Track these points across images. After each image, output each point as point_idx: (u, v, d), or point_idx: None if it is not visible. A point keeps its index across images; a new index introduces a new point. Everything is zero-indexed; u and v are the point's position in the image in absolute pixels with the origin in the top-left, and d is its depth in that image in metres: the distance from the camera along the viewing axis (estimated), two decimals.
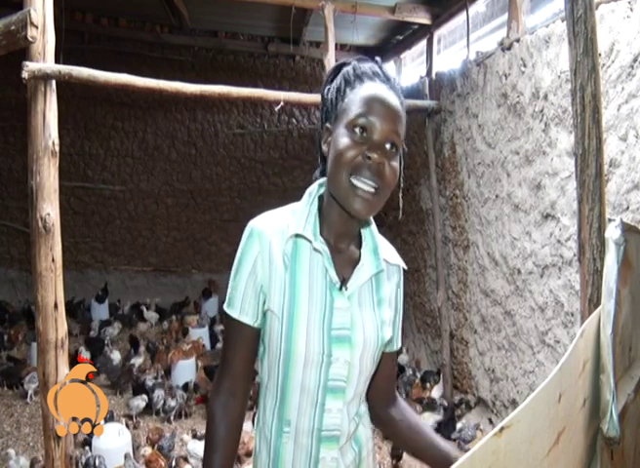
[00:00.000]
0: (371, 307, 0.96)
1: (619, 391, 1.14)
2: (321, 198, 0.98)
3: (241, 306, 0.93)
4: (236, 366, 0.96)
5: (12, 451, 2.88)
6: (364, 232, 0.99)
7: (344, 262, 0.95)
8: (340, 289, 0.92)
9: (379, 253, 0.97)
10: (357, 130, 0.86)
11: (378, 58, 0.97)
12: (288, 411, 0.94)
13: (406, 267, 1.05)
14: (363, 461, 1.02)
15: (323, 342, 0.90)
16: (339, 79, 0.94)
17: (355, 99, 0.88)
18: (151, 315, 5.60)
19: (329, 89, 0.96)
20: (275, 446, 0.95)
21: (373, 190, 0.86)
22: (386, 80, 0.92)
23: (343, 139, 0.86)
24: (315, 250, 0.91)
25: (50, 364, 2.34)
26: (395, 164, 0.89)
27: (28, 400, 3.77)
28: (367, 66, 0.93)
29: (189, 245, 6.40)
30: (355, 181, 0.85)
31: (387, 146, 0.87)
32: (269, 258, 0.91)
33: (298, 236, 0.92)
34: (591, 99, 1.41)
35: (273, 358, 0.93)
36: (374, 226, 1.01)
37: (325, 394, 0.92)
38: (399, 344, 1.07)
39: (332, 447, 0.94)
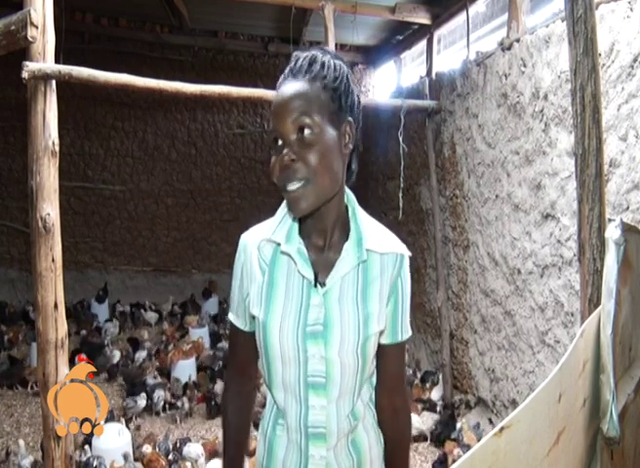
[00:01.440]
0: (353, 301, 0.94)
1: (619, 391, 1.14)
2: None
3: (236, 312, 1.02)
4: (237, 367, 1.07)
5: (22, 442, 2.90)
6: (351, 225, 0.98)
7: (327, 259, 0.96)
8: (315, 285, 0.93)
9: (362, 244, 0.94)
10: (274, 144, 0.89)
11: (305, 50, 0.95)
12: (279, 407, 0.99)
13: (408, 253, 1.00)
14: None
15: (297, 338, 0.93)
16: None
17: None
18: (151, 315, 5.60)
19: None
20: (270, 438, 1.01)
21: (297, 186, 0.86)
22: (294, 69, 0.91)
23: (270, 158, 0.91)
24: (283, 252, 0.95)
25: (50, 364, 2.34)
26: (315, 142, 0.86)
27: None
28: (282, 74, 0.93)
29: (189, 245, 6.39)
30: (286, 187, 0.88)
31: (295, 136, 0.86)
32: (251, 267, 0.97)
33: (269, 241, 0.96)
34: (591, 99, 1.41)
35: (261, 357, 1.00)
36: (360, 217, 0.98)
37: (307, 390, 0.95)
38: (404, 336, 1.01)
39: (319, 444, 0.96)
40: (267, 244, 0.96)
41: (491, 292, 3.47)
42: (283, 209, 0.99)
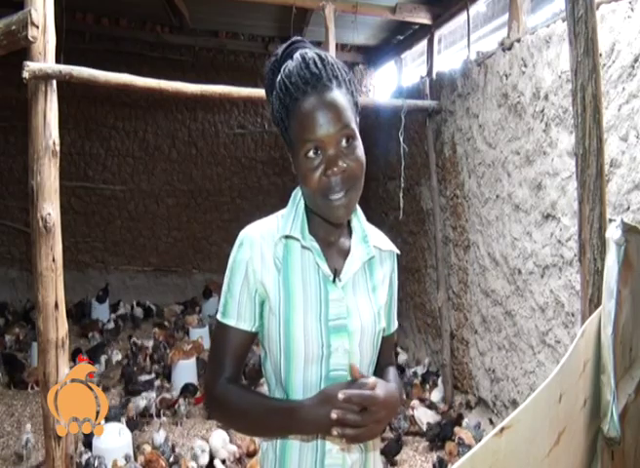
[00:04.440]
0: (366, 294, 0.98)
1: (619, 391, 1.14)
2: None
3: (238, 314, 0.96)
4: (233, 369, 0.98)
5: (28, 426, 2.94)
6: (353, 222, 1.02)
7: (336, 254, 0.99)
8: (334, 280, 0.95)
9: (368, 240, 1.00)
10: (311, 154, 0.88)
11: (304, 42, 0.95)
12: None
13: (398, 251, 1.08)
14: (368, 461, 1.01)
15: (321, 334, 0.93)
16: (279, 88, 0.91)
17: (298, 128, 0.89)
18: (136, 311, 5.59)
19: (274, 94, 0.93)
20: (281, 442, 0.96)
21: (341, 195, 0.89)
22: (317, 77, 0.88)
23: (304, 170, 0.89)
24: (304, 247, 0.95)
25: (50, 363, 2.34)
26: (358, 152, 0.89)
27: None
28: (296, 77, 0.88)
29: (190, 245, 6.40)
30: (331, 197, 0.89)
31: (342, 146, 0.88)
32: (262, 263, 0.94)
33: (287, 237, 0.96)
34: (592, 100, 1.41)
35: (275, 358, 0.96)
36: (361, 215, 1.03)
37: (328, 385, 0.93)
38: (394, 327, 1.10)
39: (338, 439, 0.93)
40: (280, 241, 0.96)
41: (491, 293, 3.47)
42: (294, 206, 0.99)
